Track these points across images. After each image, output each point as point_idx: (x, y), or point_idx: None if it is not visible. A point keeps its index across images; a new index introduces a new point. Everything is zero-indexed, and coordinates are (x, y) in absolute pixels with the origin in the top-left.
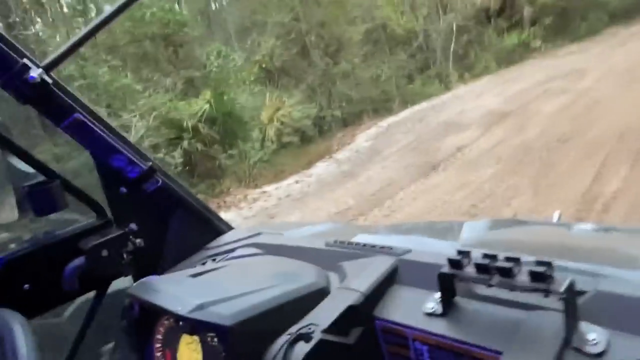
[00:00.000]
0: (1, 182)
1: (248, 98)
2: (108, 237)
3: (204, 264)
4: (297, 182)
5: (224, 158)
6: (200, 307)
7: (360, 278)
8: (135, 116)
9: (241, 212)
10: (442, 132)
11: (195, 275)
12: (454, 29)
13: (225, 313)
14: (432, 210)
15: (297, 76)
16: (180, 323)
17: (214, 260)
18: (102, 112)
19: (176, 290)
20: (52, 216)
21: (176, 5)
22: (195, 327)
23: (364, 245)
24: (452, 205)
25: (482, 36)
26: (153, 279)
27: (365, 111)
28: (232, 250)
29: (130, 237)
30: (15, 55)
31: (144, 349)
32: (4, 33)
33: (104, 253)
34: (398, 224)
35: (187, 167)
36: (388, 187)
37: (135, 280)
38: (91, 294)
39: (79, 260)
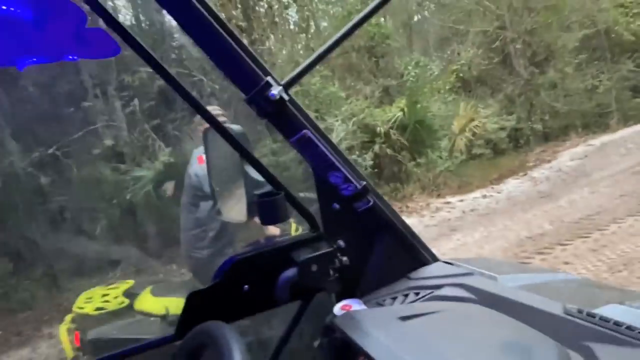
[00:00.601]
0: (237, 188)
1: (441, 107)
2: (319, 251)
3: (406, 295)
4: (484, 196)
5: (411, 165)
6: None
7: None
8: (337, 120)
9: (422, 220)
10: None
11: (404, 319)
12: None
13: None
14: None
15: (495, 86)
16: None
17: (417, 293)
18: (317, 119)
19: (386, 339)
20: None
21: (382, 19)
22: None
23: (629, 328)
24: None
25: None
26: (359, 310)
27: (573, 126)
28: (438, 286)
29: (338, 254)
30: (261, 74)
31: None
32: (253, 52)
33: (314, 267)
34: None
35: (375, 170)
36: (597, 216)
37: (337, 297)
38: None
39: (291, 271)
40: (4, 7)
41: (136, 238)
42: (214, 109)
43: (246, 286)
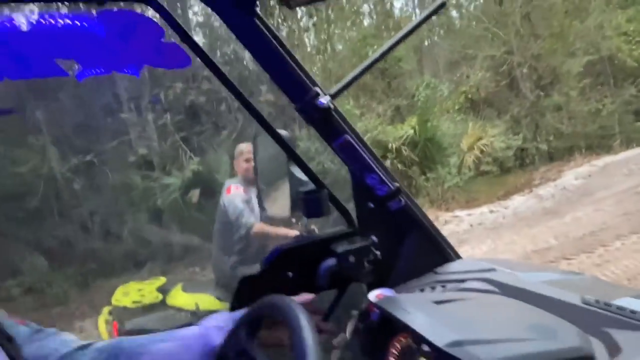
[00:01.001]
0: (282, 185)
1: (450, 126)
2: (355, 245)
3: (433, 288)
4: (491, 211)
5: (421, 179)
6: (458, 343)
7: None
8: None
9: None
10: None
11: (438, 303)
12: None
13: (484, 357)
14: None
15: (502, 107)
16: (423, 347)
17: (443, 286)
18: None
19: (427, 317)
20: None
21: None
22: (447, 359)
23: None
24: None
25: None
26: (395, 295)
27: (577, 147)
28: (463, 280)
29: (372, 248)
30: (310, 85)
31: (377, 356)
32: (303, 66)
33: (351, 259)
34: None
35: None
36: (601, 232)
37: (369, 288)
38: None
39: (331, 261)
40: (83, 24)
41: (162, 241)
42: (248, 146)
43: (290, 273)
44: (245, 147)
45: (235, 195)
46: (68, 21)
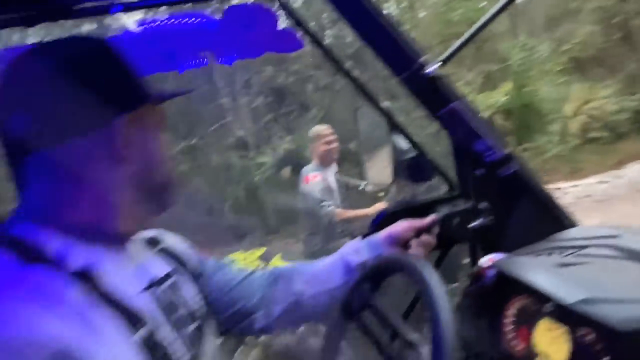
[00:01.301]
0: (385, 153)
1: (550, 90)
2: (458, 208)
3: (550, 253)
4: (601, 182)
5: (518, 150)
6: (588, 301)
7: None
8: None
9: None
10: None
11: (561, 266)
12: None
13: (615, 315)
14: None
15: (614, 65)
16: (546, 307)
17: (562, 252)
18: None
19: (549, 276)
20: None
21: (484, 3)
22: (572, 318)
23: None
24: None
25: None
26: (517, 258)
27: None
28: (583, 247)
29: (480, 213)
30: (416, 54)
31: (491, 317)
32: (407, 37)
33: (455, 221)
34: None
35: None
36: None
37: (479, 254)
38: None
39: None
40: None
41: (259, 215)
42: (325, 129)
43: None
44: (322, 130)
45: (313, 184)
46: (203, 18)
